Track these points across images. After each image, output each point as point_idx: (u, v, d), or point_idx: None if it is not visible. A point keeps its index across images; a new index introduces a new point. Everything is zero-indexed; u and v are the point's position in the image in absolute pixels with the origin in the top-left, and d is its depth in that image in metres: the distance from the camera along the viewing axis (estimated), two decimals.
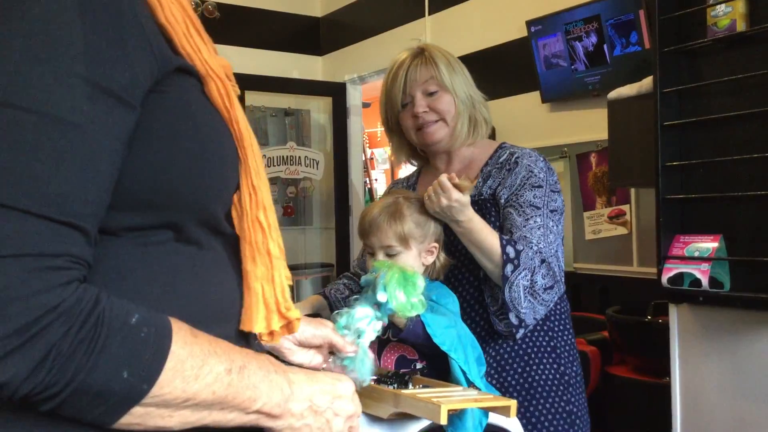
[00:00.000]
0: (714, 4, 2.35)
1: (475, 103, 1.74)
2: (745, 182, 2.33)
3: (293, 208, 5.36)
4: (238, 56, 4.93)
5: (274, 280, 0.81)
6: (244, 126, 0.81)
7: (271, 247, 0.81)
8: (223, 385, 0.69)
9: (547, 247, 1.55)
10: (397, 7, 4.51)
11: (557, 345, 1.66)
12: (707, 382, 2.52)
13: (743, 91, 2.32)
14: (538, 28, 3.33)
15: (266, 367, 0.75)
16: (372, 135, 9.13)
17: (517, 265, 1.51)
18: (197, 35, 0.79)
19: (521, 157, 1.67)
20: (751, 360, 2.41)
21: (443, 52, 1.78)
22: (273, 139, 5.23)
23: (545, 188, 1.62)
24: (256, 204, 0.81)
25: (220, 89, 0.79)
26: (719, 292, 2.32)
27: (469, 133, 1.73)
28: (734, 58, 2.35)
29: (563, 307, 1.73)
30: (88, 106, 0.65)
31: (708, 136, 2.44)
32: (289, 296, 0.83)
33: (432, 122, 1.71)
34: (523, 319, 1.52)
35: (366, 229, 1.54)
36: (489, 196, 1.67)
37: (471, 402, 1.23)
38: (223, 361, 0.70)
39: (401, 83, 1.72)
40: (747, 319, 2.41)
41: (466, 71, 1.80)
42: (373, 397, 1.24)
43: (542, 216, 1.59)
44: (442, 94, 1.70)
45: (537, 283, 1.52)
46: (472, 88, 1.77)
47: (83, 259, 0.64)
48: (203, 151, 0.75)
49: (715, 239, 2.31)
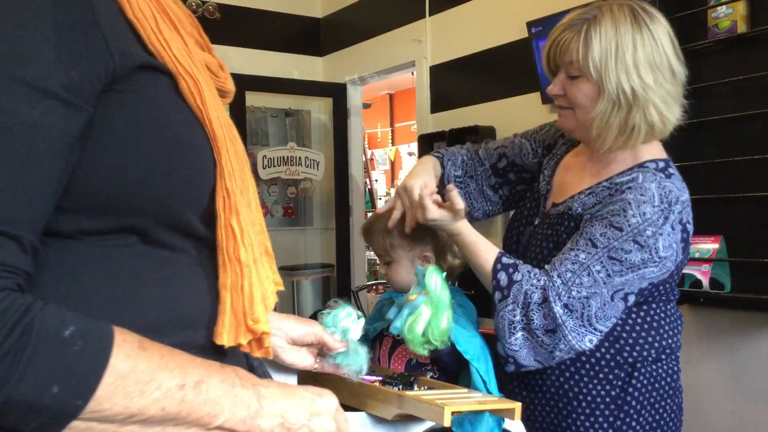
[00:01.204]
0: (715, 5, 2.36)
1: (641, 100, 1.32)
2: (745, 183, 2.33)
3: (293, 208, 5.36)
4: (239, 57, 4.93)
5: (243, 289, 0.77)
6: (218, 126, 0.77)
7: (242, 255, 0.77)
8: (174, 401, 0.65)
9: (565, 288, 1.32)
10: (397, 8, 4.52)
11: (623, 391, 1.39)
12: (708, 383, 2.52)
13: (744, 93, 2.33)
14: (538, 29, 3.33)
15: (231, 381, 0.71)
16: (372, 136, 9.13)
17: (506, 296, 1.36)
18: (170, 31, 0.75)
19: (633, 189, 1.34)
20: (752, 361, 2.42)
21: (620, 22, 1.32)
22: (273, 139, 5.23)
23: (625, 234, 1.31)
24: (229, 208, 0.76)
25: (191, 87, 0.74)
26: (720, 293, 2.32)
27: (617, 139, 1.37)
28: (735, 59, 2.36)
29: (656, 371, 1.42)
30: (24, 108, 0.61)
31: (709, 138, 2.44)
32: (259, 307, 0.78)
33: (563, 107, 1.42)
34: (514, 357, 1.36)
35: (366, 239, 1.60)
36: (576, 214, 1.42)
37: (475, 404, 1.23)
38: (175, 376, 0.66)
39: (546, 53, 1.41)
40: (747, 320, 2.41)
41: (656, 51, 1.33)
42: (377, 398, 1.24)
43: (592, 256, 1.32)
44: (582, 82, 1.35)
45: (534, 322, 1.34)
46: (647, 77, 1.32)
47: (16, 267, 0.61)
48: (167, 151, 0.71)
49: (715, 240, 2.32)
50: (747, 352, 2.43)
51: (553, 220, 1.46)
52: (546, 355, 1.35)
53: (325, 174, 5.18)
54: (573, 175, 1.52)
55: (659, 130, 1.38)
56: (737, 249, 2.33)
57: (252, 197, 0.81)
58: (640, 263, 1.31)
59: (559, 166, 1.57)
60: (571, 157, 1.56)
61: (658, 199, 1.32)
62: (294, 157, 5.06)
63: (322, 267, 5.25)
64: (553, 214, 1.48)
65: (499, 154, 1.67)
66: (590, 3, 1.42)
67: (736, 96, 2.36)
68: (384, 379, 1.33)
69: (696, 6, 2.42)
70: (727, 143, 2.38)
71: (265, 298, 0.79)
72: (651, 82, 1.32)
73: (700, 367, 2.54)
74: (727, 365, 2.49)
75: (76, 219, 0.67)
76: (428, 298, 1.28)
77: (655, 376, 1.41)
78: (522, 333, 1.35)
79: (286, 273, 5.19)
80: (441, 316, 1.27)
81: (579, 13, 1.38)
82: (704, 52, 2.42)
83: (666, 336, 1.43)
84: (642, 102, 1.32)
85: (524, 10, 3.47)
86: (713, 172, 2.42)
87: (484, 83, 3.86)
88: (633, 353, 1.39)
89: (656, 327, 1.42)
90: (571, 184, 1.50)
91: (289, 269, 5.19)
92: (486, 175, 1.67)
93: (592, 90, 1.34)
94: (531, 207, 1.58)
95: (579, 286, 1.32)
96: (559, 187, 1.54)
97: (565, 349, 1.33)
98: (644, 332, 1.41)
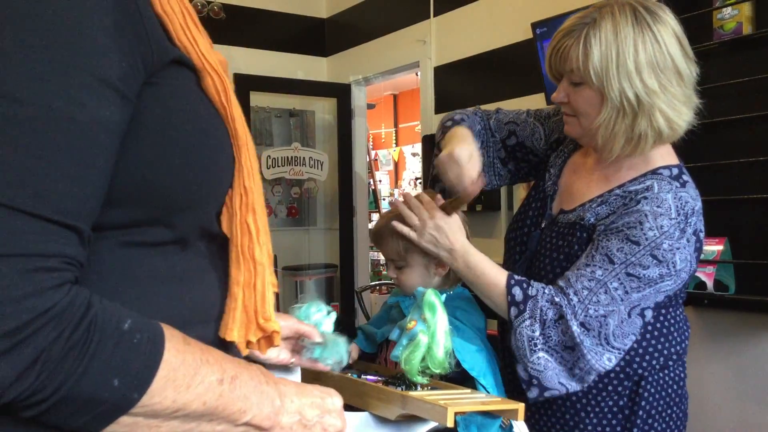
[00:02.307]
0: (720, 6, 2.36)
1: (646, 105, 1.26)
2: (750, 185, 2.33)
3: (297, 208, 5.36)
4: (244, 57, 4.94)
5: (256, 287, 0.77)
6: (240, 124, 0.77)
7: (257, 253, 0.78)
8: (214, 395, 0.66)
9: (582, 306, 1.26)
10: (402, 8, 4.52)
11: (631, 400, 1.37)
12: (712, 385, 2.52)
13: (749, 94, 2.32)
14: (543, 30, 3.33)
15: (257, 378, 0.73)
16: (376, 136, 9.13)
17: (522, 311, 1.30)
18: (195, 28, 0.75)
19: (649, 200, 1.29)
20: (756, 363, 2.41)
21: (621, 25, 1.26)
22: (278, 139, 5.24)
23: (643, 248, 1.26)
24: (246, 206, 0.77)
25: (217, 84, 0.75)
26: (724, 294, 2.32)
27: (624, 147, 1.31)
28: (740, 60, 2.36)
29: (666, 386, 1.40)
30: (87, 98, 0.61)
31: (713, 139, 2.44)
32: (270, 306, 0.79)
33: (568, 114, 1.37)
34: (538, 378, 1.29)
35: (374, 243, 1.55)
36: (589, 225, 1.36)
37: (478, 405, 1.23)
38: (216, 371, 0.67)
39: (548, 60, 1.36)
40: (751, 322, 2.41)
41: (660, 53, 1.26)
42: (380, 399, 1.24)
43: (610, 273, 1.27)
44: (584, 89, 1.30)
45: (551, 339, 1.28)
46: (651, 82, 1.25)
47: (76, 260, 0.61)
48: (196, 146, 0.71)
49: (720, 242, 2.31)
50: (751, 354, 2.43)
51: (564, 230, 1.41)
52: (568, 375, 1.30)
53: (329, 174, 5.18)
54: (581, 178, 1.47)
55: (668, 136, 1.31)
56: (742, 251, 2.32)
57: (260, 200, 0.82)
58: (657, 278, 1.28)
59: (566, 166, 1.51)
60: (578, 156, 1.50)
61: (674, 211, 1.28)
62: (298, 157, 5.07)
63: (326, 267, 5.25)
64: (562, 222, 1.43)
65: (509, 131, 1.60)
66: (593, 4, 1.35)
67: (742, 97, 2.35)
68: (387, 380, 1.33)
69: (701, 7, 2.42)
70: (732, 145, 2.38)
71: (271, 298, 0.80)
72: (655, 87, 1.26)
73: (703, 369, 2.53)
74: (731, 367, 2.48)
75: (108, 211, 0.66)
76: (426, 326, 1.25)
77: (662, 384, 1.39)
78: (543, 353, 1.29)
79: (290, 273, 5.19)
80: (438, 347, 1.24)
81: (579, 17, 1.32)
82: (709, 53, 2.41)
83: (674, 342, 1.41)
84: (647, 108, 1.26)
85: (529, 11, 3.47)
86: (718, 174, 2.41)
87: (488, 84, 3.86)
88: (643, 363, 1.37)
89: (665, 334, 1.39)
90: (580, 189, 1.45)
91: (292, 269, 5.19)
92: (496, 147, 1.61)
93: (594, 97, 1.29)
94: (536, 207, 1.52)
95: (596, 304, 1.27)
96: (567, 191, 1.49)
97: (586, 368, 1.28)
98: (654, 340, 1.38)
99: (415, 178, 8.59)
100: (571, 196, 1.46)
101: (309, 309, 1.16)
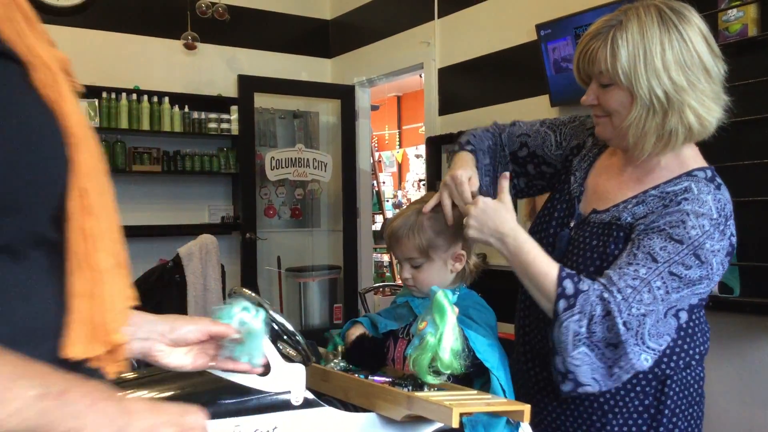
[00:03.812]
0: (725, 8, 2.36)
1: (676, 103, 1.28)
2: (756, 187, 2.32)
3: (301, 210, 5.37)
4: (248, 58, 4.95)
5: (98, 297, 0.70)
6: (76, 121, 0.70)
7: (99, 259, 0.70)
8: (35, 412, 0.60)
9: (626, 304, 1.25)
10: (406, 10, 4.52)
11: (657, 398, 1.38)
12: (716, 387, 2.51)
13: (754, 96, 2.32)
14: (547, 32, 3.33)
15: (94, 395, 0.66)
16: (380, 138, 9.14)
17: (572, 305, 1.27)
18: (23, 20, 0.70)
19: (690, 201, 1.30)
20: (760, 365, 2.41)
21: (647, 25, 1.28)
22: (281, 141, 5.25)
23: (686, 247, 1.26)
24: (83, 209, 0.69)
25: (48, 79, 0.69)
26: (729, 297, 2.32)
27: (656, 145, 1.32)
28: (745, 62, 2.35)
29: None
30: None
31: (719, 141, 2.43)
32: (118, 317, 0.71)
33: (599, 116, 1.38)
34: (574, 372, 1.27)
35: (389, 242, 1.51)
36: (626, 224, 1.35)
37: (483, 406, 1.23)
38: (36, 386, 0.61)
39: (576, 63, 1.38)
40: (756, 325, 2.40)
41: (686, 52, 1.28)
42: (386, 399, 1.24)
43: (653, 272, 1.26)
44: (614, 90, 1.32)
45: (596, 335, 1.26)
46: (680, 79, 1.27)
47: None
48: (16, 142, 0.65)
49: None
50: (755, 357, 2.42)
51: (598, 230, 1.40)
52: (605, 372, 1.28)
53: (333, 176, 5.19)
54: (610, 179, 1.46)
55: (698, 132, 1.32)
56: (747, 253, 2.32)
57: (109, 203, 0.73)
58: (697, 280, 1.28)
59: (592, 169, 1.51)
60: (605, 159, 1.50)
61: (716, 212, 1.29)
62: (302, 158, 5.08)
63: (329, 269, 5.26)
64: (595, 222, 1.41)
65: (521, 143, 1.60)
66: (616, 6, 1.38)
67: (747, 99, 2.35)
68: (394, 380, 1.33)
69: (707, 9, 2.42)
70: (738, 147, 2.37)
71: (120, 310, 0.73)
72: (684, 84, 1.27)
73: (708, 371, 2.53)
74: (735, 369, 2.48)
75: None
76: (435, 328, 1.25)
77: (686, 384, 1.39)
78: (585, 348, 1.27)
79: (293, 275, 5.20)
80: (443, 351, 1.23)
81: (605, 20, 1.34)
82: None
83: (699, 342, 1.41)
84: (677, 105, 1.28)
85: (533, 12, 3.47)
86: (723, 176, 2.41)
87: (492, 86, 3.86)
88: (670, 363, 1.37)
89: (690, 334, 1.39)
90: (611, 190, 1.44)
91: (296, 271, 5.20)
92: (504, 161, 1.61)
93: (625, 97, 1.31)
94: (562, 208, 1.51)
95: (639, 302, 1.26)
96: (596, 192, 1.47)
97: (626, 367, 1.27)
98: (680, 340, 1.38)
99: (418, 179, 8.60)
100: (602, 196, 1.45)
101: (232, 309, 1.09)
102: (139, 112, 4.53)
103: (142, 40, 4.63)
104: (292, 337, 1.22)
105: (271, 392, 1.16)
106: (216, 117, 4.80)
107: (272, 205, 5.23)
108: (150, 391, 1.16)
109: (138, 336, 0.98)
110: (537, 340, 1.46)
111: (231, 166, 4.87)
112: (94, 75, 4.42)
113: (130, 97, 4.49)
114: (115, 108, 4.45)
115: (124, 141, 4.53)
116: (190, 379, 1.16)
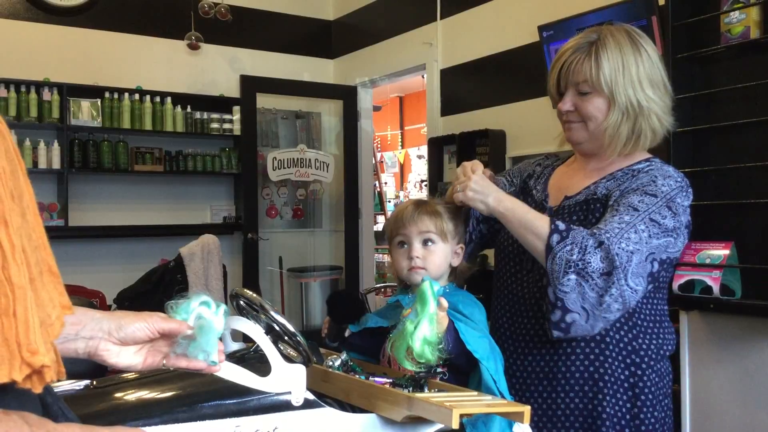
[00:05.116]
0: (728, 10, 2.35)
1: (646, 110, 1.49)
2: (757, 189, 2.32)
3: (303, 210, 5.37)
4: (250, 59, 4.96)
5: (16, 314, 0.63)
6: None
7: (13, 274, 0.63)
8: None
9: (616, 239, 1.37)
10: (408, 11, 4.52)
11: (637, 383, 1.48)
12: (717, 389, 2.51)
13: (756, 98, 2.32)
14: (550, 33, 3.33)
15: (19, 427, 0.62)
16: (382, 138, 9.15)
17: (564, 237, 1.39)
18: None
19: (654, 169, 1.50)
20: (762, 367, 2.41)
21: (622, 44, 1.50)
22: (283, 141, 5.25)
23: (659, 199, 1.44)
24: None
25: None
26: (730, 299, 2.31)
27: (626, 145, 1.51)
28: (747, 65, 2.35)
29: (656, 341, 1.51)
30: None
31: (720, 143, 2.44)
32: (38, 337, 0.64)
33: (574, 122, 1.55)
34: (563, 299, 1.37)
35: (403, 220, 1.53)
36: (602, 195, 1.51)
37: (483, 407, 1.23)
38: None
39: (556, 75, 1.54)
40: (758, 327, 2.40)
41: (652, 69, 1.51)
42: (387, 400, 1.25)
43: (636, 218, 1.41)
44: (593, 97, 1.50)
45: (590, 264, 1.36)
46: (649, 91, 1.49)
47: None
48: None
49: (726, 246, 2.31)
50: (757, 359, 2.42)
51: (576, 208, 1.53)
52: (595, 302, 1.36)
53: (335, 176, 5.19)
54: (572, 177, 1.61)
55: (659, 136, 1.54)
56: (748, 255, 2.32)
57: (29, 205, 0.67)
58: (671, 230, 1.43)
59: (552, 176, 1.67)
60: (562, 168, 1.68)
61: (679, 178, 1.49)
62: (304, 159, 5.08)
63: (331, 269, 5.26)
64: (571, 204, 1.55)
65: None
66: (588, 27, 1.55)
67: (749, 102, 2.35)
68: (394, 381, 1.33)
69: (709, 11, 2.42)
70: (739, 149, 2.38)
71: (47, 325, 0.66)
72: (652, 95, 1.50)
73: (709, 373, 2.53)
74: (736, 372, 2.48)
75: None
76: (415, 316, 1.28)
77: (660, 375, 1.51)
78: (575, 276, 1.36)
79: (295, 275, 5.20)
80: (417, 338, 1.26)
81: (581, 36, 1.55)
82: (717, 57, 2.42)
83: (667, 333, 1.54)
84: (646, 112, 1.50)
85: (536, 14, 3.47)
86: (725, 178, 2.41)
87: (494, 87, 3.86)
88: (646, 340, 1.49)
89: (659, 321, 1.53)
90: (576, 182, 1.59)
91: (297, 271, 5.20)
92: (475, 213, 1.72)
93: (603, 103, 1.50)
94: (533, 206, 1.59)
95: (627, 240, 1.38)
96: (560, 189, 1.61)
97: (615, 294, 1.36)
98: (653, 323, 1.51)
99: (420, 180, 8.60)
100: (570, 188, 1.59)
101: (190, 304, 1.03)
102: (141, 112, 4.54)
103: (144, 40, 4.64)
104: (293, 337, 1.22)
105: (271, 393, 1.17)
106: (218, 117, 4.81)
107: (274, 206, 5.24)
108: (150, 392, 1.16)
109: (82, 335, 0.93)
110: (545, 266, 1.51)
111: (233, 166, 4.87)
112: (96, 75, 4.43)
113: (132, 97, 4.50)
114: (117, 108, 4.46)
115: (127, 141, 4.54)
116: (190, 379, 1.16)
